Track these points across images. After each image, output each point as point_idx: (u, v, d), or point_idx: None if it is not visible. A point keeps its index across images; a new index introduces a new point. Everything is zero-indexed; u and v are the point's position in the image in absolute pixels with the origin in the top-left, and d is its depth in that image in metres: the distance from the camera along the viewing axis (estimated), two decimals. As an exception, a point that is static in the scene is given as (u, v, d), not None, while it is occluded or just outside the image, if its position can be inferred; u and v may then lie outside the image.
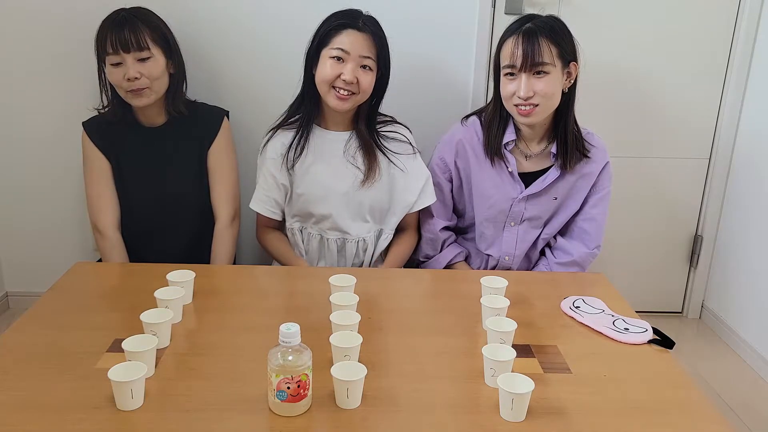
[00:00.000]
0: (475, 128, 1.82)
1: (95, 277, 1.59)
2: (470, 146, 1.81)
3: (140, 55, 1.70)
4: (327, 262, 1.85)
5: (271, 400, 1.03)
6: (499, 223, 1.84)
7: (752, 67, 2.24)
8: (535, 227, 1.84)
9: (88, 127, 1.84)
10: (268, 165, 1.79)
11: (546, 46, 1.63)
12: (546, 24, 1.65)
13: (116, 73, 1.71)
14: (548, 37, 1.63)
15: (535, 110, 1.66)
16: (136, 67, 1.70)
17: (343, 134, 1.80)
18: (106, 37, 1.69)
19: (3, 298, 2.39)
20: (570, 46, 1.67)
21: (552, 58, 1.63)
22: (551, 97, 1.66)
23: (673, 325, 2.48)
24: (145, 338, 1.12)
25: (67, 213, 2.26)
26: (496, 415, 1.04)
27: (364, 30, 1.68)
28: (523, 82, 1.64)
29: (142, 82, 1.71)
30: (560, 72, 1.66)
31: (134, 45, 1.69)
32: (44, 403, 1.04)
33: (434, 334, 1.31)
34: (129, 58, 1.69)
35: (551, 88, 1.65)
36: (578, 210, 1.83)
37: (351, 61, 1.67)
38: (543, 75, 1.64)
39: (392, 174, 1.80)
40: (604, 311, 1.40)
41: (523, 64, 1.63)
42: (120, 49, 1.68)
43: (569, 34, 1.68)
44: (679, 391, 1.14)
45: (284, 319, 1.06)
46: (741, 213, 2.33)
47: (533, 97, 1.65)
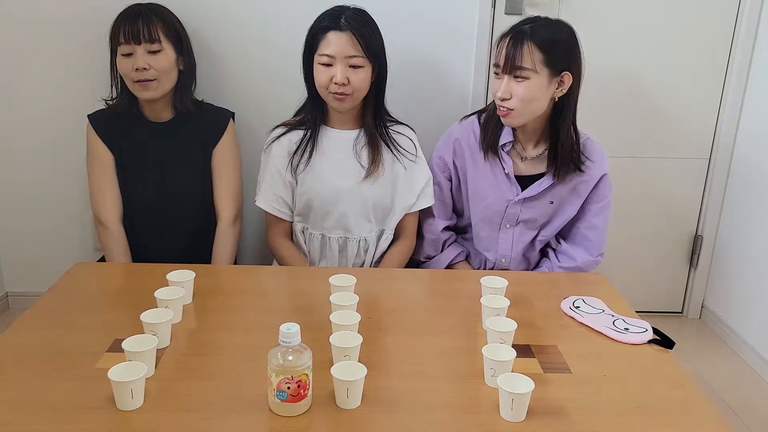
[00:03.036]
0: (473, 127, 1.81)
1: (95, 277, 1.59)
2: (467, 145, 1.81)
3: (151, 47, 1.73)
4: (328, 262, 1.85)
5: (271, 400, 1.03)
6: (494, 225, 1.83)
7: (752, 67, 2.24)
8: (531, 229, 1.83)
9: (94, 119, 1.85)
10: (274, 162, 1.79)
11: (529, 52, 1.59)
12: (542, 29, 1.62)
13: (126, 63, 1.74)
14: (537, 43, 1.59)
15: (511, 113, 1.64)
16: (146, 58, 1.72)
17: (351, 132, 1.81)
18: (120, 28, 1.73)
19: (3, 298, 2.39)
20: (565, 55, 1.62)
21: (534, 64, 1.59)
22: (529, 103, 1.63)
23: (673, 325, 2.48)
24: (145, 338, 1.12)
25: (68, 213, 2.26)
26: (496, 415, 1.04)
27: (346, 29, 1.67)
28: (504, 83, 1.63)
29: (149, 73, 1.73)
30: (545, 79, 1.61)
31: (146, 36, 1.72)
32: (44, 403, 1.04)
33: (434, 334, 1.31)
34: (139, 49, 1.72)
35: (529, 93, 1.61)
36: (580, 216, 1.81)
37: (338, 64, 1.67)
38: (522, 80, 1.61)
39: (396, 172, 1.81)
40: (604, 311, 1.40)
41: (505, 66, 1.62)
42: (131, 40, 1.71)
43: (568, 43, 1.64)
44: (679, 391, 1.14)
45: (284, 319, 1.05)
46: (741, 213, 2.33)
47: (510, 99, 1.62)
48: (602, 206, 1.80)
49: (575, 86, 1.67)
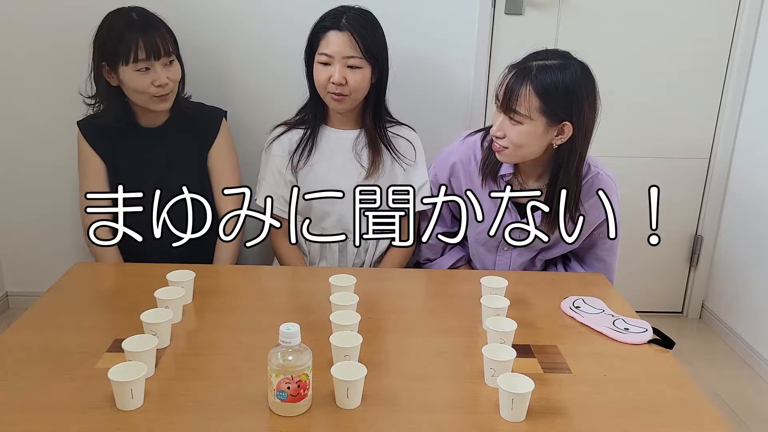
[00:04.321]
0: (474, 150, 1.72)
1: (95, 277, 1.59)
2: (465, 170, 1.73)
3: (166, 60, 1.71)
4: (328, 262, 1.85)
5: (271, 400, 1.03)
6: (491, 248, 1.78)
7: (752, 67, 2.24)
8: (530, 251, 1.75)
9: (84, 127, 1.82)
10: (274, 161, 1.79)
11: (527, 96, 1.47)
12: (547, 72, 1.48)
13: (142, 79, 1.69)
14: (537, 88, 1.47)
15: (505, 152, 1.55)
16: (165, 72, 1.70)
17: (351, 132, 1.81)
18: (132, 44, 1.65)
19: (3, 298, 2.39)
20: (567, 105, 1.49)
21: (529, 111, 1.48)
22: (520, 147, 1.53)
23: (673, 325, 2.48)
24: (145, 338, 1.12)
25: (68, 213, 2.26)
26: (496, 415, 1.04)
27: (345, 29, 1.67)
28: (499, 120, 1.54)
29: (169, 86, 1.72)
30: (541, 127, 1.50)
31: (165, 51, 1.69)
32: (44, 403, 1.04)
33: (434, 334, 1.31)
34: (158, 65, 1.69)
35: (521, 139, 1.51)
36: (588, 245, 1.74)
37: (337, 64, 1.67)
38: (516, 123, 1.51)
39: (395, 173, 1.81)
40: (604, 311, 1.40)
41: (502, 103, 1.52)
42: (152, 56, 1.67)
43: (572, 91, 1.48)
44: (679, 391, 1.14)
45: (284, 319, 1.05)
46: (741, 213, 2.33)
47: (503, 138, 1.53)
48: (612, 244, 1.72)
49: (579, 137, 1.53)
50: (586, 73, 1.52)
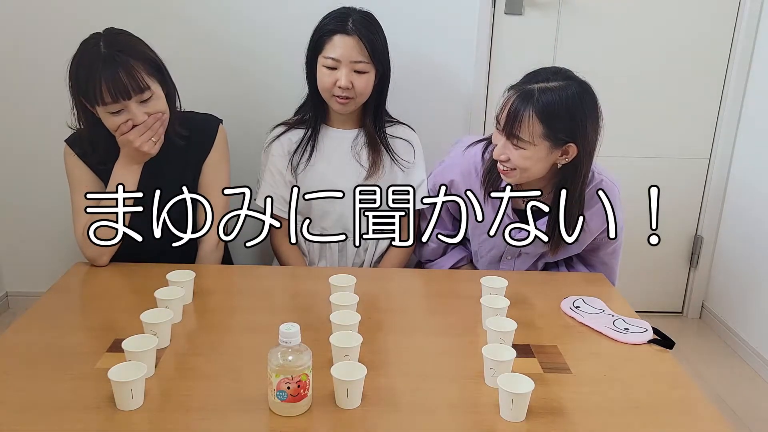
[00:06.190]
0: (475, 163, 1.68)
1: (95, 277, 1.59)
2: (466, 183, 1.70)
3: (142, 97, 1.49)
4: (328, 262, 1.85)
5: (271, 400, 1.03)
6: (494, 257, 1.77)
7: (752, 67, 2.24)
8: (533, 258, 1.75)
9: (73, 146, 1.67)
10: (274, 161, 1.79)
11: (529, 123, 1.44)
12: (549, 94, 1.44)
13: (116, 120, 1.50)
14: (539, 113, 1.43)
15: (512, 173, 1.53)
16: (142, 109, 1.50)
17: (351, 132, 1.81)
18: (97, 85, 1.45)
19: (3, 298, 2.39)
20: (570, 128, 1.46)
21: (532, 137, 1.45)
22: (525, 170, 1.51)
23: (673, 325, 2.48)
24: (145, 338, 1.12)
25: (67, 213, 2.24)
26: (496, 415, 1.04)
27: (353, 33, 1.66)
28: (501, 144, 1.51)
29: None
30: (544, 150, 1.48)
31: (135, 88, 1.46)
32: (44, 403, 1.04)
33: (434, 334, 1.31)
34: (132, 104, 1.48)
35: (525, 163, 1.49)
36: (591, 249, 1.73)
37: (343, 68, 1.67)
38: (518, 148, 1.48)
39: (395, 173, 1.81)
40: (604, 311, 1.40)
41: (504, 128, 1.48)
42: (120, 98, 1.46)
43: (575, 113, 1.45)
44: (679, 391, 1.14)
45: (284, 319, 1.05)
46: (741, 213, 2.33)
47: (508, 161, 1.51)
48: (615, 248, 1.72)
49: (583, 156, 1.51)
50: (588, 93, 1.49)
